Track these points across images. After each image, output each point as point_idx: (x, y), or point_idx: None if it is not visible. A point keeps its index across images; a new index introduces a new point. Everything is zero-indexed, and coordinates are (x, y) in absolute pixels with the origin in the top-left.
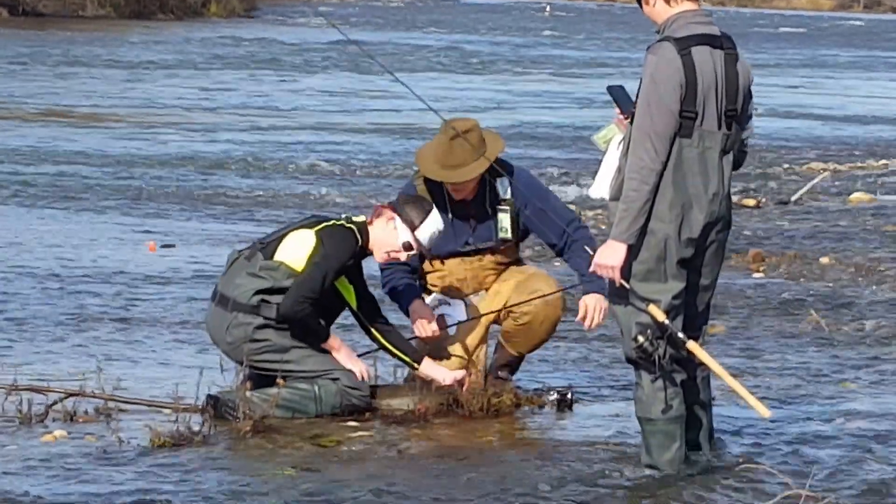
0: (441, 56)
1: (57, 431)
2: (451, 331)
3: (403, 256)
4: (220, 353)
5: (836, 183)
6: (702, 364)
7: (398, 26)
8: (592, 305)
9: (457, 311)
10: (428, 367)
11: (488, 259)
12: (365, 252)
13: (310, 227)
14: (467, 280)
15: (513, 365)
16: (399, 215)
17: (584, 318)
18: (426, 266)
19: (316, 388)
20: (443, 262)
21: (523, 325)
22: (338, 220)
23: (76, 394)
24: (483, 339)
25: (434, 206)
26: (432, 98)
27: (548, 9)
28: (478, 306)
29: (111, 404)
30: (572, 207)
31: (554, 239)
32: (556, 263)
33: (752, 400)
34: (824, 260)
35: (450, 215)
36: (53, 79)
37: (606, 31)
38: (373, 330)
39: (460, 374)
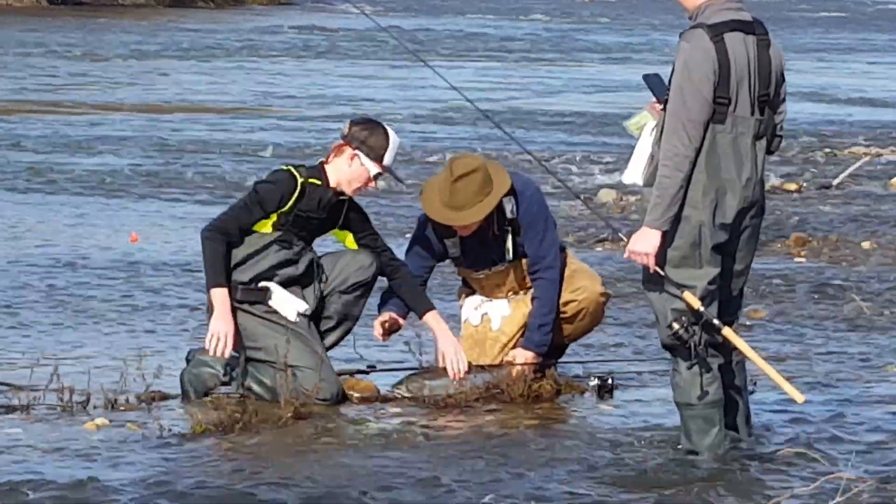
0: (483, 41)
1: (99, 419)
2: (496, 325)
3: (373, 185)
4: None
5: (878, 167)
6: (737, 349)
7: (442, 12)
8: (521, 359)
9: (499, 306)
10: (432, 319)
11: (522, 263)
12: (329, 192)
13: None
14: (505, 285)
15: (556, 351)
16: (360, 150)
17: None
18: (463, 271)
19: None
20: (477, 270)
21: (563, 317)
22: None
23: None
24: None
25: (385, 124)
26: (473, 86)
27: None
28: (521, 302)
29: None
30: (610, 195)
31: (528, 263)
32: (599, 249)
33: (786, 385)
34: (866, 244)
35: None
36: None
37: (647, 16)
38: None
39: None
